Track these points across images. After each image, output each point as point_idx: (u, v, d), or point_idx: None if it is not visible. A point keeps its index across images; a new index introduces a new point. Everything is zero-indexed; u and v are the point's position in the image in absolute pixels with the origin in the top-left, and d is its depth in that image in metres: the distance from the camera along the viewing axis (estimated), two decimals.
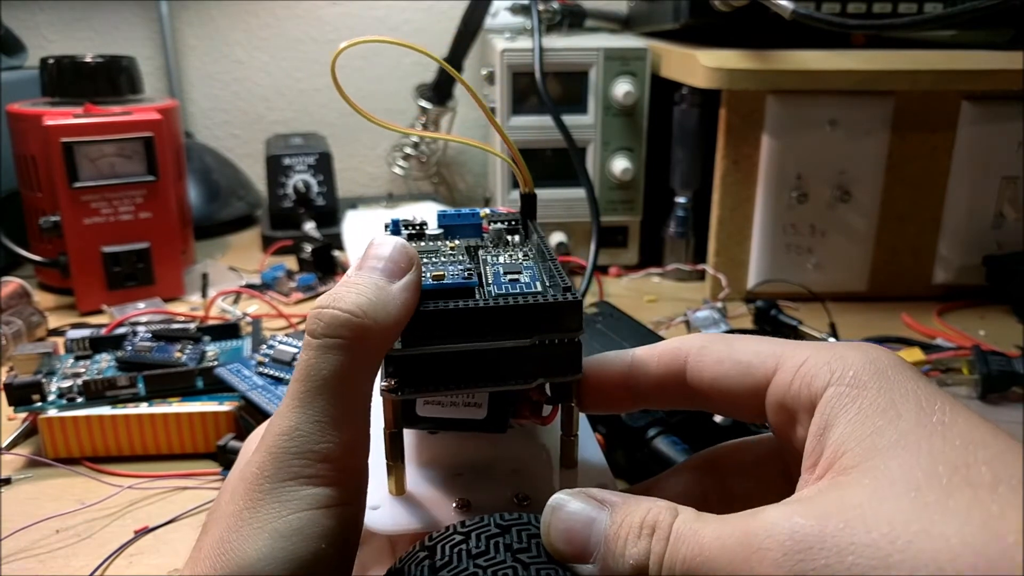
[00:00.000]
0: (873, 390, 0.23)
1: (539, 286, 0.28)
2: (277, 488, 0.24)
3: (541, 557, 0.23)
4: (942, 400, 0.22)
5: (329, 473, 0.24)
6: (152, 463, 0.50)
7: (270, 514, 0.23)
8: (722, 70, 0.69)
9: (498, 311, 0.26)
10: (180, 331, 0.58)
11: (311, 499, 0.24)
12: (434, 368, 0.26)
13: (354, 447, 0.25)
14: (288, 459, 0.24)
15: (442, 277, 0.27)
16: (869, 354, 0.24)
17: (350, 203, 1.00)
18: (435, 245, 0.32)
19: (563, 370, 0.27)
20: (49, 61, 0.77)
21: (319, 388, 0.24)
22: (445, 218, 0.34)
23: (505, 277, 0.28)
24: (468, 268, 0.29)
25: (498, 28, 0.94)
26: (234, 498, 0.24)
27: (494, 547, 0.23)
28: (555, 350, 0.27)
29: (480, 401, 0.28)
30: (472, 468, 0.30)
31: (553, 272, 0.28)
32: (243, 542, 0.23)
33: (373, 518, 0.28)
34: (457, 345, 0.26)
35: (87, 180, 0.69)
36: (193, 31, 1.09)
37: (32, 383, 0.50)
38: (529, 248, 0.32)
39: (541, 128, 0.80)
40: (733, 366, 0.27)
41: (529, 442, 0.31)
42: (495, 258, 0.31)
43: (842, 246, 0.75)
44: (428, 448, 0.31)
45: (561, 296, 0.26)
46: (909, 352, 0.61)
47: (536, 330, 0.26)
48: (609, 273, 0.84)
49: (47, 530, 0.43)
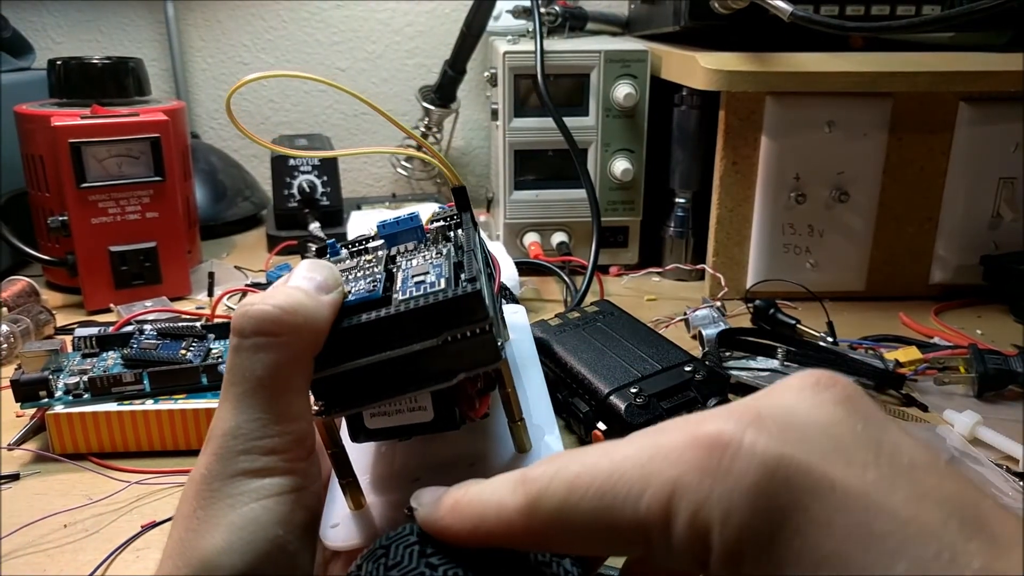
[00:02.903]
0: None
1: (443, 283, 0.27)
2: (227, 484, 0.24)
3: (451, 562, 0.23)
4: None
5: (278, 464, 0.25)
6: (158, 459, 0.51)
7: (223, 508, 0.24)
8: (721, 72, 0.70)
9: (399, 317, 0.26)
10: (185, 329, 0.58)
11: (262, 490, 0.24)
12: (355, 384, 0.26)
13: (299, 438, 0.25)
14: (234, 457, 0.24)
15: (347, 295, 0.27)
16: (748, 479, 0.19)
17: (354, 203, 1.01)
18: (354, 262, 0.32)
19: (480, 361, 0.27)
20: (57, 63, 0.78)
21: (253, 389, 0.24)
22: (385, 228, 0.34)
23: (412, 280, 0.28)
24: (375, 280, 0.28)
25: (501, 31, 0.95)
26: (187, 500, 0.25)
27: (408, 556, 0.23)
28: (467, 343, 0.26)
29: (423, 404, 0.28)
30: (430, 470, 0.30)
31: (463, 265, 0.28)
32: (200, 539, 0.23)
33: (330, 535, 0.28)
34: (370, 358, 0.26)
35: (94, 180, 0.70)
36: (199, 33, 1.10)
37: (39, 380, 0.50)
38: (447, 245, 0.32)
39: (543, 129, 0.81)
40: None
41: (483, 435, 0.31)
42: (409, 262, 0.30)
43: (840, 246, 0.76)
44: (392, 458, 0.31)
45: (461, 290, 0.26)
46: (906, 351, 0.61)
47: (443, 327, 0.26)
48: (610, 273, 0.84)
49: (55, 525, 0.44)
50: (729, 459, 0.19)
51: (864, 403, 0.20)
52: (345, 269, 0.31)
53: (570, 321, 0.57)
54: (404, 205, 1.00)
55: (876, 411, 0.20)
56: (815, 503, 0.18)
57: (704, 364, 0.52)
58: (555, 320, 0.57)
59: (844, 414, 0.20)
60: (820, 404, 0.20)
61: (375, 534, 0.27)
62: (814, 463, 0.18)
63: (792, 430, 0.19)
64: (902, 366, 0.60)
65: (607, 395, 0.49)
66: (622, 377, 0.50)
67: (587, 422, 0.50)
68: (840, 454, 0.19)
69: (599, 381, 0.50)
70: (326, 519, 0.27)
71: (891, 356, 0.61)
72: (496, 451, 0.30)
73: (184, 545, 0.24)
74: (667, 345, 0.54)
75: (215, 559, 0.23)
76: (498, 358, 0.27)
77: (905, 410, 0.56)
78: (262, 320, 0.24)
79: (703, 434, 0.20)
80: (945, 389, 0.58)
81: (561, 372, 0.52)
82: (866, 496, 0.18)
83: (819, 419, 0.20)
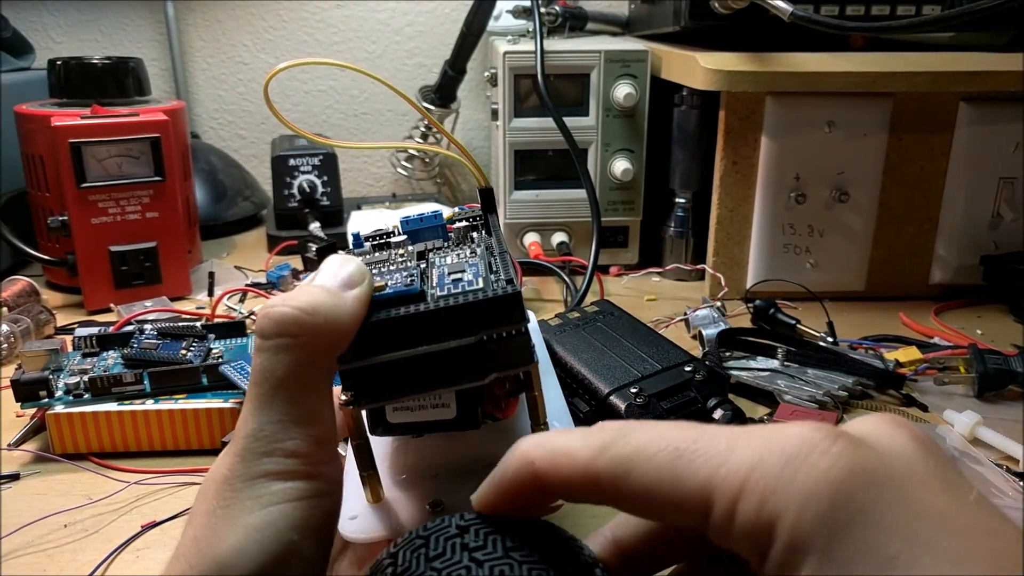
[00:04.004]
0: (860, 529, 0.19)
1: (481, 282, 0.27)
2: (248, 486, 0.24)
3: (497, 553, 0.23)
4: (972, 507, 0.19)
5: (299, 468, 0.24)
6: (158, 459, 0.51)
7: (242, 509, 0.24)
8: (721, 72, 0.70)
9: (438, 313, 0.26)
10: (186, 329, 0.58)
11: (282, 493, 0.24)
12: (386, 377, 0.26)
13: (321, 440, 0.25)
14: (257, 458, 0.24)
15: (383, 288, 0.27)
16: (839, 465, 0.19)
17: (355, 203, 1.01)
18: (386, 255, 0.32)
19: (514, 363, 0.27)
20: (57, 62, 0.78)
21: (275, 390, 0.25)
22: (409, 224, 0.34)
23: (449, 277, 0.28)
24: (411, 275, 0.28)
25: (501, 31, 0.95)
26: (206, 498, 0.25)
27: (451, 548, 0.23)
28: (503, 343, 0.26)
29: (447, 401, 0.28)
30: (449, 468, 0.30)
31: (498, 266, 0.28)
32: (216, 538, 0.23)
33: (349, 527, 0.28)
34: (404, 352, 0.26)
35: (94, 180, 0.70)
36: (199, 33, 1.10)
37: (39, 380, 0.50)
38: (480, 244, 0.32)
39: (543, 129, 0.81)
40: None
41: (505, 436, 0.31)
42: (443, 259, 0.30)
43: (840, 246, 0.76)
44: (406, 453, 0.31)
45: (501, 290, 0.26)
46: (906, 351, 0.61)
47: (480, 326, 0.26)
48: (610, 273, 0.84)
49: (55, 525, 0.44)
50: (817, 455, 0.19)
51: (936, 445, 0.21)
52: (376, 262, 0.31)
53: (570, 321, 0.57)
54: (404, 205, 1.00)
55: (948, 459, 0.21)
56: (888, 510, 0.19)
57: (704, 364, 0.52)
58: (555, 320, 0.57)
59: (920, 448, 0.21)
60: (897, 436, 0.21)
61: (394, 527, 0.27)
62: (894, 477, 0.19)
63: (874, 448, 0.20)
64: (902, 366, 0.60)
65: (607, 395, 0.49)
66: (622, 377, 0.50)
67: (587, 422, 0.50)
68: (915, 477, 0.20)
69: (599, 381, 0.50)
70: (344, 511, 0.27)
71: (891, 356, 0.61)
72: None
73: (199, 544, 0.24)
74: (667, 345, 0.54)
75: (229, 560, 0.23)
76: (532, 360, 0.27)
77: (905, 410, 0.56)
78: (282, 322, 0.25)
79: (793, 431, 0.20)
80: (945, 389, 0.58)
81: (561, 372, 0.52)
82: (935, 516, 0.19)
83: (896, 447, 0.21)
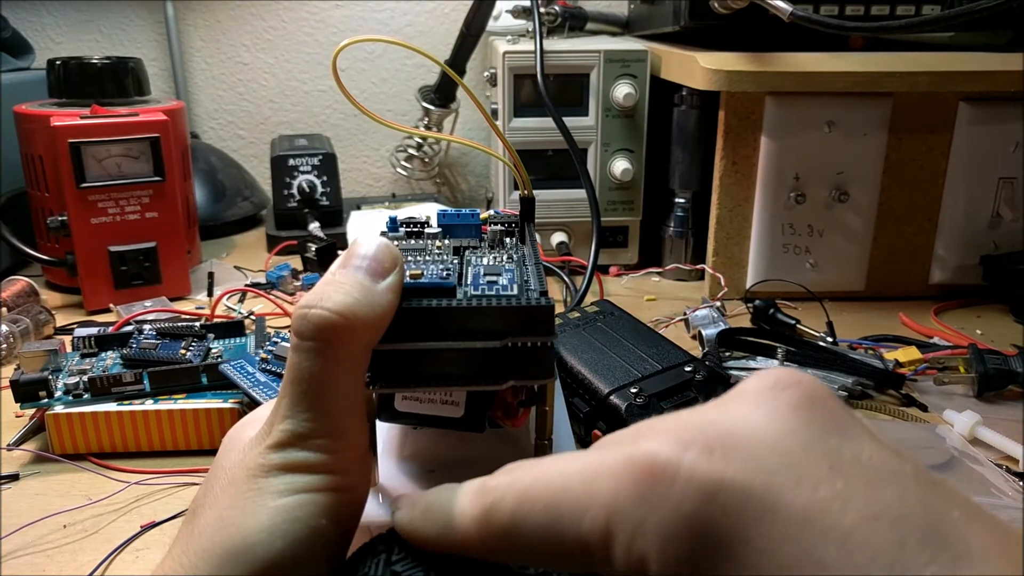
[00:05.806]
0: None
1: (515, 289, 0.27)
2: (279, 475, 0.25)
3: (414, 564, 0.23)
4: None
5: (330, 462, 0.25)
6: (157, 459, 0.51)
7: (274, 493, 0.24)
8: (721, 72, 0.70)
9: (471, 311, 0.26)
10: (185, 328, 0.58)
11: (314, 482, 0.25)
12: (406, 365, 0.26)
13: (353, 437, 0.26)
14: (288, 450, 0.25)
15: (419, 276, 0.27)
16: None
17: (354, 203, 1.01)
18: (423, 244, 0.32)
19: (534, 374, 0.27)
20: (56, 62, 0.78)
21: (310, 388, 0.25)
22: (445, 217, 0.34)
23: (484, 278, 0.28)
24: (448, 268, 0.28)
25: (500, 31, 0.95)
26: (234, 483, 0.25)
27: (375, 566, 0.24)
28: (527, 353, 0.26)
29: (458, 400, 0.28)
30: (446, 465, 0.30)
31: (532, 276, 0.28)
32: (245, 517, 0.24)
33: None
34: (429, 344, 0.26)
35: (94, 180, 0.70)
36: (199, 33, 1.10)
37: (39, 380, 0.50)
38: (517, 251, 0.32)
39: (542, 129, 0.81)
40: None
41: (506, 443, 0.31)
42: (479, 259, 0.31)
43: (840, 246, 0.76)
44: (406, 443, 0.31)
45: (535, 300, 0.26)
46: (906, 351, 0.61)
47: (509, 332, 0.26)
48: (609, 273, 0.84)
49: (54, 525, 0.44)
50: (666, 486, 0.18)
51: (826, 405, 0.19)
52: (412, 249, 0.31)
53: (570, 321, 0.57)
54: (404, 205, 1.00)
55: (839, 414, 0.19)
56: (756, 531, 0.17)
57: (704, 364, 0.52)
58: (555, 320, 0.57)
59: (800, 422, 0.19)
60: (774, 412, 0.19)
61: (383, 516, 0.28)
62: (757, 486, 0.18)
63: (736, 449, 0.18)
64: (902, 366, 0.60)
65: (607, 395, 0.49)
66: (622, 377, 0.50)
67: (587, 422, 0.50)
68: (789, 472, 0.18)
69: (599, 381, 0.50)
70: None
71: (891, 356, 0.61)
72: (512, 461, 0.31)
73: (224, 522, 0.24)
74: (667, 345, 0.54)
75: (254, 537, 0.23)
76: (551, 375, 0.27)
77: (905, 410, 0.56)
78: (320, 326, 0.25)
79: (640, 456, 0.19)
80: (945, 389, 0.58)
81: (561, 372, 0.52)
82: (812, 520, 0.17)
83: (769, 432, 0.19)
